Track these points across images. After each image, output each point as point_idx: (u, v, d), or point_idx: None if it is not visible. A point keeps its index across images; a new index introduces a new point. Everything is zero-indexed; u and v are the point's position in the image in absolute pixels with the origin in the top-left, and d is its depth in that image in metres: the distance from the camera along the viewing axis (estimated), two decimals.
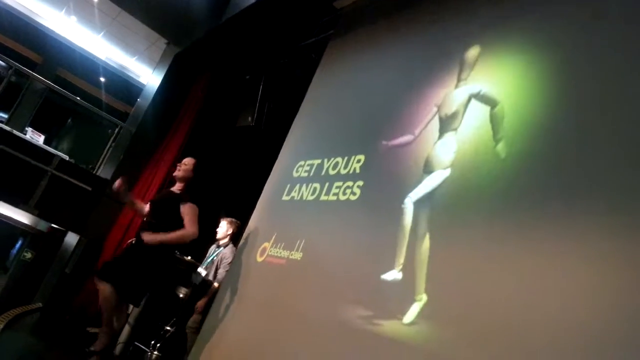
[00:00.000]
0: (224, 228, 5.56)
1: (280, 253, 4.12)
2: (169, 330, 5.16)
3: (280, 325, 3.68)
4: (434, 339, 2.53)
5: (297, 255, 3.92)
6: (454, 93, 3.36)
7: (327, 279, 3.51)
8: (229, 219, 5.59)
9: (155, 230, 4.19)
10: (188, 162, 4.58)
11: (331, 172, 4.07)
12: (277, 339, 3.60)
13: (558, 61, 2.79)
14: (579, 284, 2.10)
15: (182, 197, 4.35)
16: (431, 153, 3.26)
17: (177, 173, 4.54)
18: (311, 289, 3.61)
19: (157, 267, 4.31)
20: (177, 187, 4.54)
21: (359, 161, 3.86)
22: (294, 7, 5.74)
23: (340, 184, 3.91)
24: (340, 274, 3.42)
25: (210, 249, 5.75)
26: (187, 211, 4.25)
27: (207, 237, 6.18)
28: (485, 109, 3.02)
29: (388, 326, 2.81)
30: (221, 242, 5.56)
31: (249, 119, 6.98)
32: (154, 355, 5.00)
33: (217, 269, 5.30)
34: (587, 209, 2.23)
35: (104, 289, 4.09)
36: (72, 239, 7.47)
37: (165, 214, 4.30)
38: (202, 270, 5.37)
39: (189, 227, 4.18)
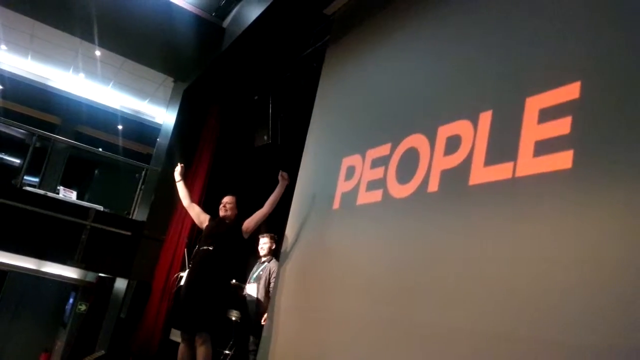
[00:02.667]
0: (267, 244, 5.66)
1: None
2: (229, 355, 5.31)
3: (327, 329, 3.83)
4: None
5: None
6: None
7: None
8: (269, 235, 5.71)
9: (214, 256, 4.55)
10: (230, 200, 4.91)
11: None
12: (327, 343, 3.75)
13: None
14: None
15: (237, 224, 4.76)
16: None
17: (225, 214, 4.83)
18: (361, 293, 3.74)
19: (221, 296, 4.64)
20: (228, 221, 4.84)
21: None
22: (286, 22, 5.91)
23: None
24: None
25: (255, 266, 5.84)
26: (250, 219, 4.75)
27: (245, 256, 6.38)
28: None
29: None
30: (264, 258, 5.66)
31: (265, 137, 7.14)
32: None
33: (268, 284, 5.38)
34: None
35: (205, 348, 4.37)
36: (121, 284, 7.73)
37: (225, 243, 4.66)
38: (251, 286, 5.48)
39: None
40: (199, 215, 4.98)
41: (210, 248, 4.60)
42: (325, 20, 5.76)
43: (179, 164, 5.18)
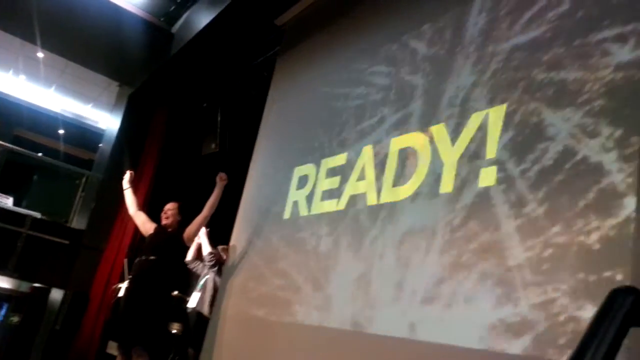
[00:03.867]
0: (220, 253, 5.52)
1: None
2: None
3: (272, 339, 3.77)
4: None
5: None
6: None
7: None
8: (222, 247, 5.56)
9: (156, 267, 4.37)
10: (171, 207, 4.71)
11: None
12: (271, 352, 3.69)
13: None
14: None
15: (179, 232, 4.59)
16: None
17: (166, 221, 4.62)
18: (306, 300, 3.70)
19: (160, 308, 4.45)
20: (170, 229, 4.64)
21: None
22: (237, 31, 5.85)
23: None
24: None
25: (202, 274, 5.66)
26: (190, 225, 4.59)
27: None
28: None
29: None
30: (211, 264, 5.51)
31: (213, 145, 7.05)
32: None
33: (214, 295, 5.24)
34: None
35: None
36: (56, 294, 7.42)
37: (166, 252, 4.49)
38: (194, 295, 5.35)
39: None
40: (144, 224, 4.80)
41: (152, 257, 4.42)
42: (276, 31, 5.74)
43: (128, 171, 5.02)
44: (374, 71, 3.97)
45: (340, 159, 3.90)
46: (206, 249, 5.45)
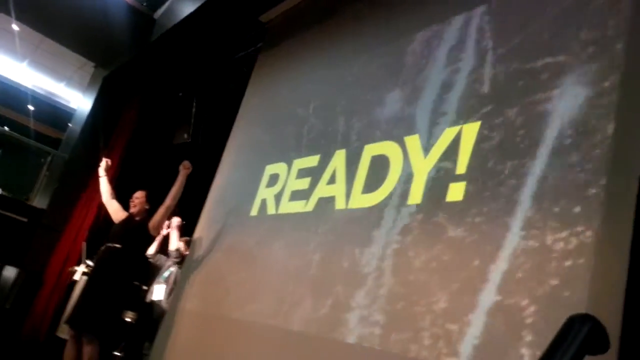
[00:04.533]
0: (182, 248, 5.48)
1: None
2: (119, 357, 5.10)
3: (228, 336, 3.73)
4: None
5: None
6: None
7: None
8: (185, 239, 5.51)
9: (121, 255, 4.36)
10: (138, 195, 4.71)
11: None
12: (227, 350, 3.65)
13: None
14: None
15: (146, 221, 4.54)
16: None
17: (133, 209, 4.63)
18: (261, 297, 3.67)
19: (118, 297, 4.43)
20: (137, 218, 4.62)
21: None
22: (221, 24, 5.78)
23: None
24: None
25: (165, 266, 5.60)
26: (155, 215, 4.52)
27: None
28: None
29: None
30: (177, 261, 5.47)
31: (185, 135, 6.97)
32: None
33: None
34: None
35: (91, 348, 4.15)
36: (10, 273, 7.22)
37: (132, 241, 4.49)
38: (159, 287, 5.28)
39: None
40: (116, 212, 4.76)
41: (117, 246, 4.41)
42: (260, 27, 5.70)
43: (104, 159, 4.99)
44: (354, 77, 3.98)
45: (312, 161, 3.89)
46: (174, 244, 5.40)
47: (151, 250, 5.52)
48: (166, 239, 5.63)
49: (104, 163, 4.94)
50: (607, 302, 1.90)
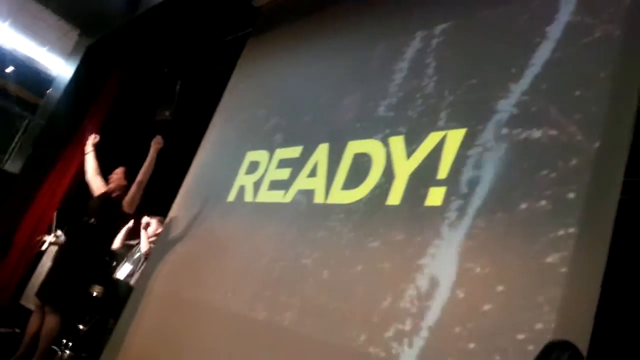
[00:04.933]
0: (153, 227, 5.42)
1: None
2: (83, 330, 5.06)
3: (195, 321, 3.73)
4: None
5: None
6: None
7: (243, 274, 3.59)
8: (158, 218, 5.45)
9: (96, 231, 4.36)
10: (118, 171, 4.71)
11: None
12: (192, 334, 3.65)
13: None
14: None
15: (123, 197, 4.54)
16: None
17: (111, 186, 4.60)
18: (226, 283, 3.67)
19: (87, 272, 4.48)
20: (115, 194, 4.59)
21: None
22: (212, 4, 5.71)
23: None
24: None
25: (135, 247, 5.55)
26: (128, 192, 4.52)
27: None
28: None
29: None
30: (151, 240, 5.42)
31: (167, 113, 6.89)
32: (65, 355, 4.88)
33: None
34: None
35: (53, 320, 4.13)
36: None
37: (106, 217, 4.47)
38: (127, 266, 5.25)
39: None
40: (99, 189, 4.71)
41: (92, 221, 4.40)
42: (252, 12, 5.64)
43: (93, 135, 4.92)
44: (342, 71, 3.97)
45: (294, 152, 3.87)
46: (144, 247, 5.33)
47: (116, 244, 5.47)
48: (131, 232, 5.59)
49: (92, 138, 4.86)
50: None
